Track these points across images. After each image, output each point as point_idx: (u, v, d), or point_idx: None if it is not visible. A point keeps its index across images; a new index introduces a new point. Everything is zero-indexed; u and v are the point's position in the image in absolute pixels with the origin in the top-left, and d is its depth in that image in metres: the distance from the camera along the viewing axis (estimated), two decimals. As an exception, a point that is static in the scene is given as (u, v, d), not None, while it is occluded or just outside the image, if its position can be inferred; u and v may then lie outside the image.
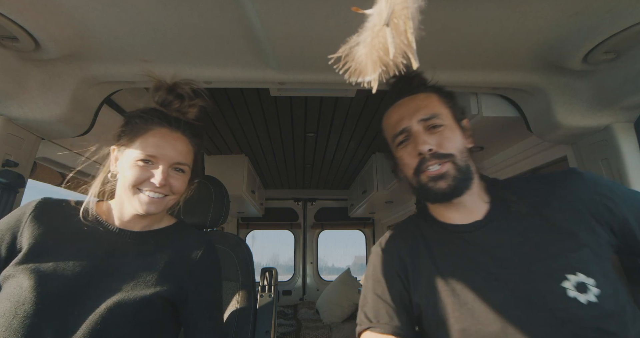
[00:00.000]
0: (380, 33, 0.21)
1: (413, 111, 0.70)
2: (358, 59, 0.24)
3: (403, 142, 0.72)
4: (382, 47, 0.21)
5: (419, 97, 0.73)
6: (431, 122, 0.69)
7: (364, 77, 0.24)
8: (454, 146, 0.68)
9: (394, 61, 0.21)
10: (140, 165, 0.69)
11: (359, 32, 0.24)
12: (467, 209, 0.71)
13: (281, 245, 4.26)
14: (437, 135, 0.68)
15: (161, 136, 0.71)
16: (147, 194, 0.70)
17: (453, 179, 0.67)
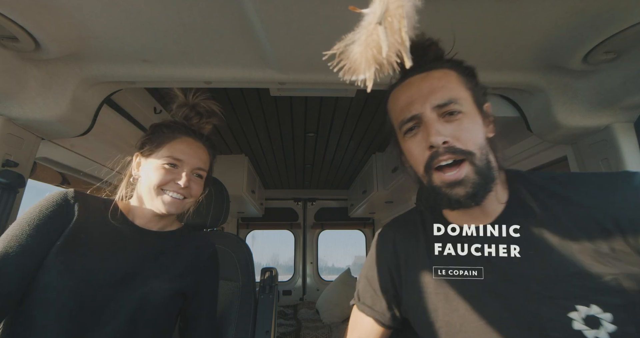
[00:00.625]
0: (374, 31, 0.21)
1: (426, 94, 0.57)
2: (352, 58, 0.24)
3: (412, 129, 0.60)
4: (376, 45, 0.21)
5: (434, 75, 0.59)
6: (448, 109, 0.56)
7: (358, 75, 0.24)
8: (474, 139, 0.56)
9: (387, 59, 0.21)
10: (166, 168, 0.77)
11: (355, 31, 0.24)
12: (481, 213, 0.61)
13: (281, 245, 4.26)
14: (454, 124, 0.56)
15: (187, 144, 0.81)
16: (170, 194, 0.77)
17: (472, 186, 0.55)
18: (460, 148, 0.56)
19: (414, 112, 0.58)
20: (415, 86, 0.60)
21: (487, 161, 0.57)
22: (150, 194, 0.77)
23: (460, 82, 0.59)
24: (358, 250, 4.40)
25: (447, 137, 0.56)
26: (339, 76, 0.25)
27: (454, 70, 0.60)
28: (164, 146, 0.79)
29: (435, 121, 0.57)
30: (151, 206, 0.78)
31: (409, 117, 0.59)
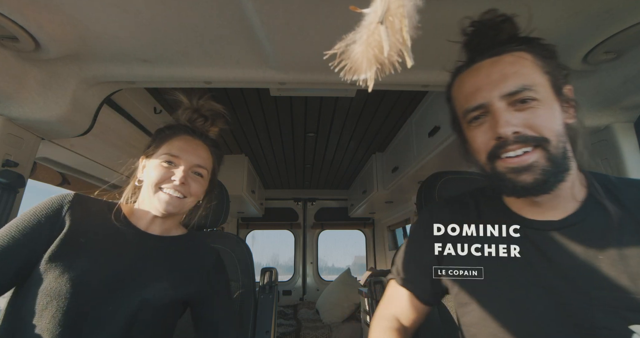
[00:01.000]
0: (375, 31, 0.21)
1: (496, 81, 0.52)
2: (354, 57, 0.24)
3: (477, 118, 0.55)
4: (378, 45, 0.21)
5: (506, 60, 0.53)
6: (520, 96, 0.51)
7: (359, 75, 0.24)
8: (550, 127, 0.51)
9: (389, 59, 0.22)
10: (164, 166, 0.76)
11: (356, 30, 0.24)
12: (548, 206, 0.56)
13: (281, 245, 4.27)
14: (527, 112, 0.51)
15: (185, 140, 0.80)
16: (167, 191, 0.75)
17: (542, 173, 0.51)
18: (532, 135, 0.51)
19: (480, 100, 0.53)
20: (484, 72, 0.54)
21: (564, 149, 0.52)
22: (149, 193, 0.76)
23: (537, 67, 0.53)
24: (358, 250, 4.40)
25: (517, 127, 0.51)
26: (340, 75, 0.25)
27: (529, 52, 0.54)
28: (162, 145, 0.79)
29: (504, 111, 0.52)
30: (150, 206, 0.77)
31: (474, 106, 0.54)
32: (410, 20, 0.19)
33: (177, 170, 0.76)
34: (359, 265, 4.49)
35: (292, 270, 4.08)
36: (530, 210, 0.58)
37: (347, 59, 0.24)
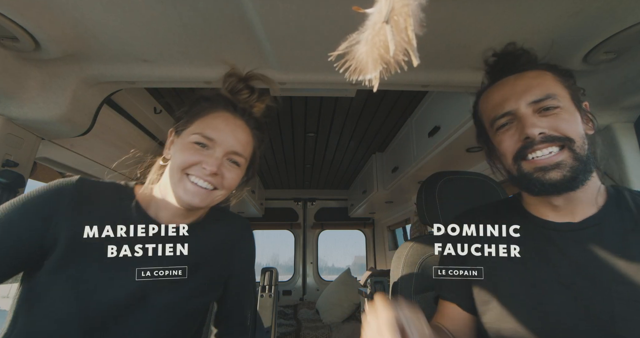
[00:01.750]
0: (380, 31, 0.21)
1: (522, 91, 0.57)
2: (359, 57, 0.24)
3: (505, 125, 0.60)
4: (383, 44, 0.21)
5: (529, 75, 0.59)
6: (545, 104, 0.56)
7: (365, 75, 0.24)
8: (573, 129, 0.55)
9: (394, 58, 0.22)
10: (194, 147, 0.62)
11: (360, 30, 0.24)
12: (568, 208, 0.60)
13: (281, 245, 4.26)
14: (552, 117, 0.55)
15: (223, 119, 0.65)
16: (194, 180, 0.61)
17: (570, 170, 0.54)
18: (557, 135, 0.55)
19: (507, 108, 0.58)
20: (510, 85, 0.60)
21: (588, 153, 0.56)
22: (173, 179, 0.62)
23: (557, 81, 0.59)
24: (358, 250, 4.41)
25: (543, 128, 0.55)
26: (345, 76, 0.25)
27: (549, 71, 0.60)
28: (196, 120, 0.64)
29: (531, 115, 0.56)
30: (172, 194, 0.63)
31: (503, 113, 0.59)
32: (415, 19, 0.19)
33: (210, 155, 0.62)
34: (359, 265, 4.49)
35: (292, 270, 4.08)
36: (551, 213, 0.62)
37: (351, 59, 0.24)
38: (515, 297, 0.60)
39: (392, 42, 0.20)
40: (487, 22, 0.72)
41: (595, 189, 0.59)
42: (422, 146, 1.82)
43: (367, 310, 0.44)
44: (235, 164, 0.66)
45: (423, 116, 1.84)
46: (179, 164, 0.61)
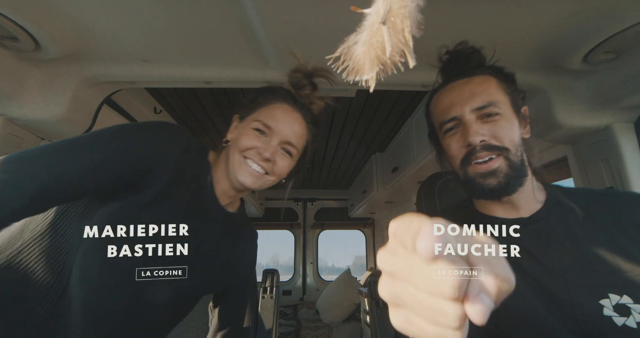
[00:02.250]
0: (377, 32, 0.21)
1: (467, 98, 0.63)
2: (356, 58, 0.24)
3: (452, 129, 0.66)
4: (380, 45, 0.21)
5: (475, 81, 0.65)
6: (486, 111, 0.62)
7: (362, 75, 0.24)
8: (510, 138, 0.62)
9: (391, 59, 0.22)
10: (254, 133, 0.68)
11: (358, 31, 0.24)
12: (514, 207, 0.66)
13: (281, 245, 4.27)
14: (492, 124, 0.62)
15: (282, 110, 0.70)
16: (249, 163, 0.67)
17: (504, 177, 0.61)
18: (496, 144, 0.61)
19: (454, 113, 0.64)
20: (457, 90, 0.65)
21: (521, 159, 0.63)
22: (233, 160, 0.68)
23: (500, 88, 0.64)
24: (358, 250, 4.41)
25: (484, 136, 0.61)
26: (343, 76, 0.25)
27: (494, 76, 0.65)
28: (258, 109, 0.70)
29: (474, 122, 0.62)
30: (229, 174, 0.68)
31: (449, 118, 0.65)
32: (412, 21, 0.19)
33: (266, 142, 0.68)
34: (359, 265, 4.49)
35: (292, 270, 4.08)
36: (501, 211, 0.68)
37: (349, 60, 0.24)
38: None
39: (388, 44, 0.20)
40: (487, 22, 0.73)
41: (531, 188, 0.66)
42: (422, 146, 1.82)
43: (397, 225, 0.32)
44: (288, 153, 0.71)
45: (423, 116, 1.84)
46: (239, 146, 0.67)
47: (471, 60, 0.68)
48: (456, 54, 0.70)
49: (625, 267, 0.56)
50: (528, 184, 0.65)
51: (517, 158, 0.62)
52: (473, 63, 0.67)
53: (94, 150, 0.55)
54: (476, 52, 0.69)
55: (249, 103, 0.72)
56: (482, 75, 0.65)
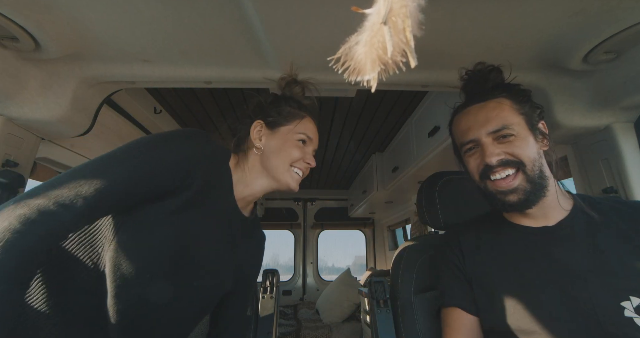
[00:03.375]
0: (378, 32, 0.21)
1: (483, 122, 0.69)
2: (357, 58, 0.24)
3: (471, 149, 0.73)
4: (381, 45, 0.21)
5: (489, 105, 0.70)
6: (501, 133, 0.67)
7: (363, 76, 0.24)
8: (525, 154, 0.66)
9: (392, 59, 0.22)
10: (299, 145, 0.75)
11: (359, 32, 0.24)
12: (540, 215, 0.71)
13: (281, 245, 4.26)
14: (507, 145, 0.67)
15: (312, 123, 0.81)
16: (295, 171, 0.75)
17: (524, 193, 0.66)
18: (511, 159, 0.67)
19: (471, 136, 0.70)
20: (473, 115, 0.71)
21: (540, 172, 0.67)
22: (279, 168, 0.73)
23: (513, 110, 0.69)
24: (358, 250, 4.41)
25: (500, 155, 0.67)
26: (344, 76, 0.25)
27: (509, 98, 0.70)
28: (294, 121, 0.77)
29: (490, 144, 0.68)
30: (270, 181, 0.74)
31: (468, 140, 0.72)
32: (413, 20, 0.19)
33: (308, 152, 0.77)
34: (359, 265, 4.50)
35: (292, 270, 4.08)
36: (528, 220, 0.73)
37: (350, 60, 0.24)
38: (509, 299, 0.67)
39: (389, 44, 0.20)
40: (487, 23, 0.73)
41: (555, 197, 0.70)
42: (422, 146, 1.82)
43: None
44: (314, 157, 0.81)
45: (423, 116, 1.84)
46: (291, 157, 0.73)
47: (489, 79, 0.73)
48: (475, 75, 0.75)
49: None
50: (551, 194, 0.69)
51: (534, 172, 0.66)
52: (490, 84, 0.73)
53: (132, 165, 0.58)
54: (494, 70, 0.74)
55: (275, 114, 0.77)
56: (497, 98, 0.70)
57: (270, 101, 0.80)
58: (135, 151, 0.59)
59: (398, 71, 0.23)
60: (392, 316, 1.01)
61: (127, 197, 0.58)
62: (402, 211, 3.25)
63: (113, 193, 0.55)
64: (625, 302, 0.57)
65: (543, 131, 0.71)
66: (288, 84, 0.83)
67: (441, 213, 1.00)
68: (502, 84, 0.74)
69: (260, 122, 0.76)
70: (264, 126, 0.76)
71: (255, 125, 0.76)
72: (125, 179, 0.56)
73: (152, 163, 0.59)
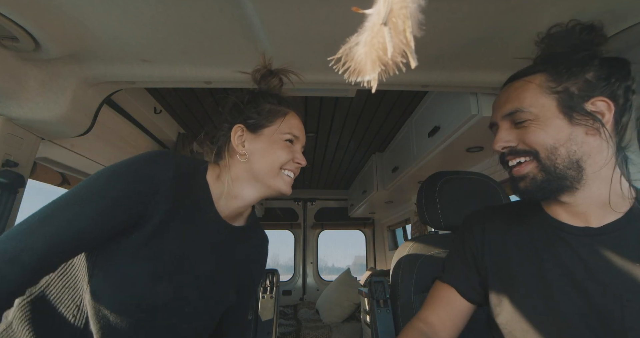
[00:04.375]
0: (379, 32, 0.21)
1: (502, 104, 0.64)
2: (357, 59, 0.24)
3: (495, 131, 0.68)
4: (381, 46, 0.21)
5: (515, 85, 0.63)
6: (515, 118, 0.61)
7: (363, 76, 0.24)
8: (539, 141, 0.58)
9: (392, 60, 0.22)
10: (287, 145, 0.70)
11: (359, 32, 0.24)
12: (580, 213, 0.61)
13: (281, 245, 4.27)
14: (522, 130, 0.61)
15: (296, 118, 0.74)
16: (286, 173, 0.70)
17: (532, 182, 0.60)
18: (522, 148, 0.61)
19: (492, 120, 0.67)
20: (499, 95, 0.67)
21: (561, 160, 0.58)
22: (270, 174, 0.68)
23: (541, 89, 0.59)
24: (358, 250, 4.41)
25: (510, 142, 0.62)
26: (344, 77, 0.26)
27: (546, 73, 0.60)
28: (278, 120, 0.70)
29: (504, 129, 0.64)
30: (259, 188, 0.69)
31: (491, 123, 0.69)
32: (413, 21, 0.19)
33: (297, 151, 0.72)
34: (359, 265, 4.50)
35: (292, 270, 4.08)
36: (567, 217, 0.63)
37: (350, 60, 0.24)
38: (527, 297, 0.62)
39: (390, 44, 0.20)
40: (487, 23, 0.73)
41: (603, 194, 0.59)
42: (422, 146, 1.82)
43: None
44: None
45: (423, 116, 1.84)
46: (281, 161, 0.68)
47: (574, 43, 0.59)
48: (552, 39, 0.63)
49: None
50: (597, 190, 0.59)
51: (552, 161, 0.58)
52: (579, 47, 0.59)
53: (88, 206, 0.54)
54: (585, 28, 0.59)
55: (255, 115, 0.70)
56: (531, 75, 0.61)
57: (247, 100, 0.73)
58: (84, 193, 0.55)
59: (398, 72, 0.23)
60: (392, 316, 1.01)
61: (82, 243, 0.54)
62: (402, 211, 3.25)
63: (64, 242, 0.51)
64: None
65: (588, 112, 0.57)
66: (263, 76, 0.75)
67: (441, 213, 1.00)
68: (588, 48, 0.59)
69: (241, 126, 0.70)
70: (245, 130, 0.70)
71: (235, 130, 0.70)
72: (73, 225, 0.52)
73: (101, 206, 0.54)
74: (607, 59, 0.59)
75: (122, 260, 0.57)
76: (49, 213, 0.53)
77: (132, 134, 1.58)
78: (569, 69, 0.58)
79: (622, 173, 0.59)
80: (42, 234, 0.50)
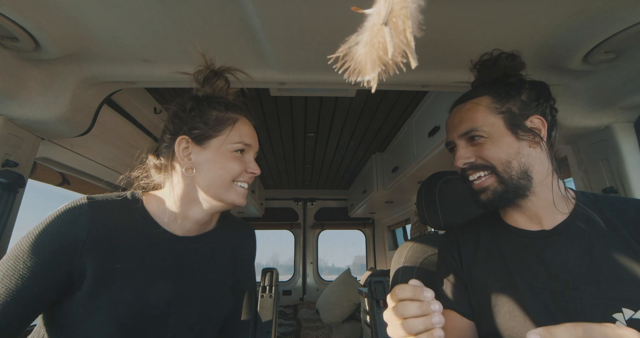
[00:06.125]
0: (379, 32, 0.21)
1: (456, 124, 0.70)
2: (357, 59, 0.24)
3: (453, 150, 0.74)
4: (381, 46, 0.21)
5: (465, 107, 0.70)
6: (470, 135, 0.67)
7: (363, 76, 0.24)
8: (495, 156, 0.65)
9: (393, 60, 0.22)
10: (237, 155, 0.65)
11: (359, 32, 0.24)
12: (534, 216, 0.68)
13: (281, 245, 4.27)
14: (478, 147, 0.67)
15: (247, 124, 0.69)
16: (241, 185, 0.66)
17: (493, 193, 0.66)
18: (480, 163, 0.67)
19: (449, 138, 0.73)
20: (452, 117, 0.73)
21: (517, 174, 0.65)
22: (222, 188, 0.63)
23: (489, 110, 0.67)
24: (358, 250, 4.41)
25: (469, 158, 0.68)
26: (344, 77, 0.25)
27: (489, 96, 0.68)
28: (226, 129, 0.65)
29: (462, 147, 0.69)
30: (211, 201, 0.64)
31: (447, 142, 0.74)
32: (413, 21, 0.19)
33: (250, 160, 0.68)
34: (359, 265, 4.50)
35: (292, 270, 4.08)
36: (523, 222, 0.70)
37: (350, 60, 0.24)
38: (502, 304, 0.66)
39: (390, 44, 0.20)
40: (487, 23, 0.73)
41: (549, 198, 0.66)
42: (422, 146, 1.82)
43: None
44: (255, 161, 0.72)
45: (423, 116, 1.84)
46: (233, 173, 0.64)
47: (499, 68, 0.69)
48: (484, 65, 0.72)
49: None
50: (543, 195, 0.66)
51: (510, 173, 0.65)
52: (502, 71, 0.69)
53: (10, 281, 0.52)
54: (505, 57, 0.68)
55: (201, 124, 0.65)
56: (477, 98, 0.68)
57: (190, 107, 0.66)
58: (4, 269, 0.53)
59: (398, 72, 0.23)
60: (392, 316, 1.01)
61: (17, 317, 0.52)
62: (402, 211, 3.25)
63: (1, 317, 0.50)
64: (617, 313, 0.55)
65: (529, 128, 0.65)
66: (206, 78, 0.69)
67: (441, 213, 1.00)
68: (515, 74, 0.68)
69: (185, 138, 0.64)
70: (191, 142, 0.64)
71: (179, 142, 0.64)
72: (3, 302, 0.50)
73: (26, 275, 0.52)
74: (533, 82, 0.69)
75: (79, 317, 0.54)
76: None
77: (132, 134, 1.58)
78: (507, 92, 0.67)
79: (559, 178, 0.68)
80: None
